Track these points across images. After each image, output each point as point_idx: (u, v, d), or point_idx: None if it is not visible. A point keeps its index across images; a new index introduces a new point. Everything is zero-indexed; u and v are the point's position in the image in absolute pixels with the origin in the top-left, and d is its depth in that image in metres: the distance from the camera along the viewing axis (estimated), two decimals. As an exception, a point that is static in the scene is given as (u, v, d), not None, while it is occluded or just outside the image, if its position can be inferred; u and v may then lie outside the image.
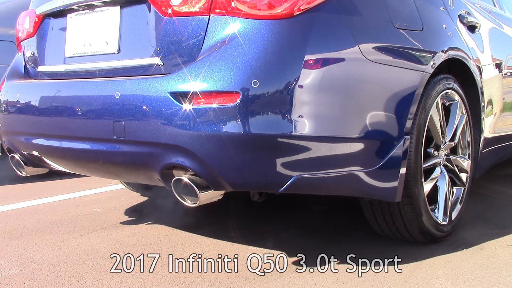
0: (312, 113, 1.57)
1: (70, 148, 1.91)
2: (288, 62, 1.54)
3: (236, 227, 2.40)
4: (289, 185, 1.60)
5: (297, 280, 1.74)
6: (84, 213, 2.71)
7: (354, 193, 1.78)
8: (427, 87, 1.95)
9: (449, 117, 2.20)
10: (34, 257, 2.01)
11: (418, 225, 1.96)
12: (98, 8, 1.92)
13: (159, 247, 2.10)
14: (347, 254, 1.98)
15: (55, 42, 2.11)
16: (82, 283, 1.74)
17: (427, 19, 2.04)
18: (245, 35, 1.57)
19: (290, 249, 2.05)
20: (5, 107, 2.16)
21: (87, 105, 1.80)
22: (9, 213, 2.74)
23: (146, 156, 1.69)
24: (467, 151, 2.32)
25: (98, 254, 2.04)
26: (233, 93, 1.50)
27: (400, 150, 1.79)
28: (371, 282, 1.72)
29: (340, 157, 1.67)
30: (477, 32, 2.52)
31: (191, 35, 1.65)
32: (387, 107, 1.76)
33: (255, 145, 1.54)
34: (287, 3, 1.58)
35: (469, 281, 1.72)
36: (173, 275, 1.80)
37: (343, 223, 2.46)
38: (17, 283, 1.75)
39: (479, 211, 2.60)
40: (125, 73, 1.80)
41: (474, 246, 2.07)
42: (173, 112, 1.57)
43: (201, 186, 1.64)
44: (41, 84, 2.09)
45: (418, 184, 1.91)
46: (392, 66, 1.79)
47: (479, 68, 2.42)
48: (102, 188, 3.34)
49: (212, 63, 1.56)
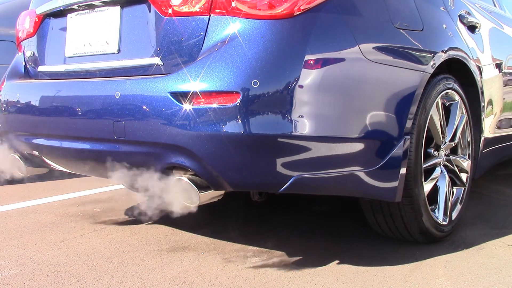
0: (312, 113, 1.57)
1: (70, 148, 1.91)
2: (288, 62, 1.54)
3: (236, 227, 2.40)
4: (289, 185, 1.60)
5: (297, 280, 1.74)
6: (84, 213, 2.71)
7: (354, 193, 1.78)
8: (427, 87, 1.95)
9: (449, 117, 2.20)
10: (34, 257, 2.01)
11: (418, 225, 1.97)
12: (98, 8, 1.92)
13: (159, 247, 2.10)
14: (347, 254, 1.98)
15: (55, 42, 2.11)
16: (82, 283, 1.74)
17: (427, 19, 2.04)
18: (245, 35, 1.57)
19: (290, 249, 2.05)
20: (5, 107, 2.16)
21: (87, 105, 1.80)
22: (9, 213, 2.73)
23: (146, 156, 1.69)
24: (467, 151, 2.32)
25: (98, 254, 2.04)
26: (233, 93, 1.51)
27: (400, 150, 1.79)
28: (371, 282, 1.72)
29: (340, 157, 1.67)
30: (477, 32, 2.52)
31: (191, 35, 1.65)
32: (387, 107, 1.77)
33: (255, 145, 1.54)
34: (287, 3, 1.58)
35: (469, 281, 1.72)
36: (173, 275, 1.80)
37: (343, 223, 2.46)
38: (17, 283, 1.75)
39: (479, 211, 2.60)
40: (125, 73, 1.80)
41: (474, 246, 2.07)
42: (173, 112, 1.57)
43: (201, 186, 1.64)
44: (41, 84, 2.10)
45: (418, 184, 1.91)
46: (392, 66, 1.79)
47: (479, 68, 2.42)
48: (102, 188, 3.34)
49: (212, 63, 1.56)
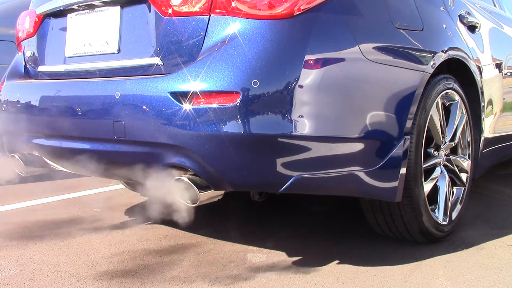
0: (312, 113, 1.57)
1: (70, 148, 1.91)
2: (288, 62, 1.54)
3: (236, 227, 2.40)
4: (289, 185, 1.60)
5: (297, 280, 1.74)
6: (84, 213, 2.71)
7: (354, 193, 1.78)
8: (427, 87, 1.95)
9: (449, 117, 2.20)
10: (34, 257, 2.01)
11: (418, 225, 1.96)
12: (98, 8, 1.92)
13: (159, 247, 2.10)
14: (347, 254, 1.98)
15: (55, 42, 2.11)
16: (82, 283, 1.74)
17: (427, 19, 2.04)
18: (245, 35, 1.57)
19: (290, 249, 2.05)
20: (5, 107, 2.16)
21: (87, 105, 1.80)
22: (9, 213, 2.73)
23: (146, 156, 1.69)
24: (467, 151, 2.32)
25: (98, 254, 2.04)
26: (233, 93, 1.51)
27: (400, 150, 1.79)
28: (371, 282, 1.72)
29: (340, 157, 1.67)
30: (477, 32, 2.52)
31: (191, 35, 1.65)
32: (387, 107, 1.77)
33: (255, 145, 1.53)
34: (287, 3, 1.58)
35: (469, 281, 1.72)
36: (173, 275, 1.80)
37: (343, 223, 2.46)
38: (17, 283, 1.75)
39: (479, 211, 2.60)
40: (125, 73, 1.80)
41: (474, 246, 2.07)
42: (173, 112, 1.57)
43: (201, 186, 1.64)
44: (41, 84, 2.09)
45: (418, 184, 1.91)
46: (392, 66, 1.79)
47: (479, 68, 2.42)
48: (102, 188, 3.34)
49: (212, 63, 1.56)
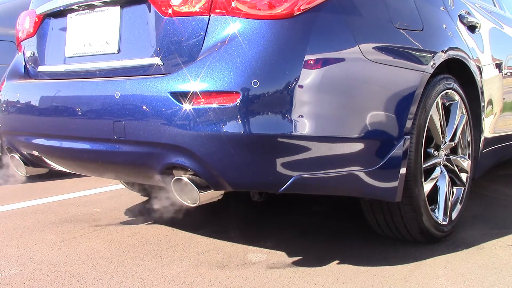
0: (312, 113, 1.57)
1: (70, 148, 1.91)
2: (288, 62, 1.54)
3: (236, 227, 2.40)
4: (289, 185, 1.60)
5: (297, 280, 1.74)
6: (84, 213, 2.71)
7: (354, 193, 1.78)
8: (427, 87, 1.95)
9: (449, 117, 2.20)
10: (34, 257, 2.01)
11: (418, 225, 1.97)
12: (98, 8, 1.92)
13: (159, 247, 2.10)
14: (347, 254, 1.98)
15: (55, 42, 2.11)
16: (82, 283, 1.74)
17: (427, 19, 2.04)
18: (245, 35, 1.57)
19: (290, 249, 2.05)
20: (5, 107, 2.16)
21: (87, 105, 1.80)
22: (9, 213, 2.74)
23: (146, 156, 1.69)
24: (467, 151, 2.32)
25: (98, 254, 2.04)
26: (233, 93, 1.51)
27: (400, 150, 1.79)
28: (371, 282, 1.72)
29: (340, 157, 1.67)
30: (477, 32, 2.52)
31: (191, 35, 1.65)
32: (387, 107, 1.77)
33: (255, 145, 1.53)
34: (287, 3, 1.58)
35: (469, 281, 1.72)
36: (173, 275, 1.80)
37: (343, 223, 2.46)
38: (17, 283, 1.75)
39: (479, 211, 2.60)
40: (125, 73, 1.80)
41: (474, 246, 2.07)
42: (173, 112, 1.57)
43: (201, 186, 1.64)
44: (41, 84, 2.09)
45: (418, 184, 1.91)
46: (392, 66, 1.79)
47: (479, 68, 2.43)
48: (102, 188, 3.34)
49: (212, 63, 1.56)
